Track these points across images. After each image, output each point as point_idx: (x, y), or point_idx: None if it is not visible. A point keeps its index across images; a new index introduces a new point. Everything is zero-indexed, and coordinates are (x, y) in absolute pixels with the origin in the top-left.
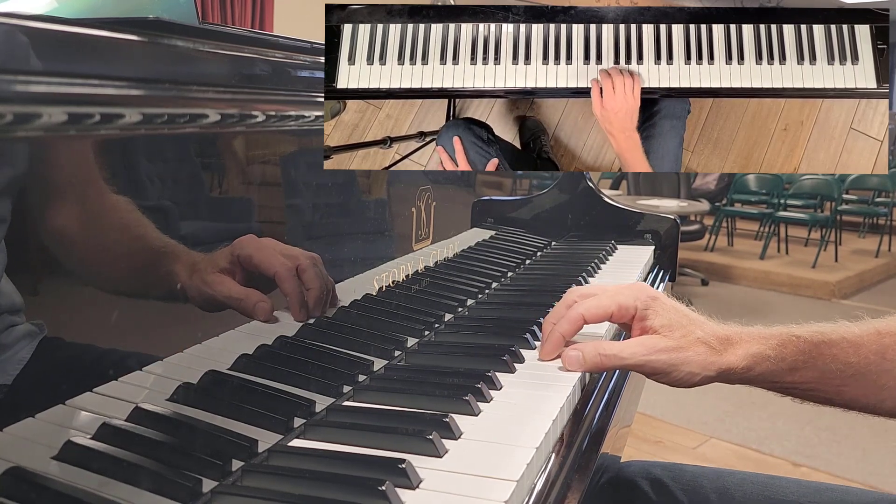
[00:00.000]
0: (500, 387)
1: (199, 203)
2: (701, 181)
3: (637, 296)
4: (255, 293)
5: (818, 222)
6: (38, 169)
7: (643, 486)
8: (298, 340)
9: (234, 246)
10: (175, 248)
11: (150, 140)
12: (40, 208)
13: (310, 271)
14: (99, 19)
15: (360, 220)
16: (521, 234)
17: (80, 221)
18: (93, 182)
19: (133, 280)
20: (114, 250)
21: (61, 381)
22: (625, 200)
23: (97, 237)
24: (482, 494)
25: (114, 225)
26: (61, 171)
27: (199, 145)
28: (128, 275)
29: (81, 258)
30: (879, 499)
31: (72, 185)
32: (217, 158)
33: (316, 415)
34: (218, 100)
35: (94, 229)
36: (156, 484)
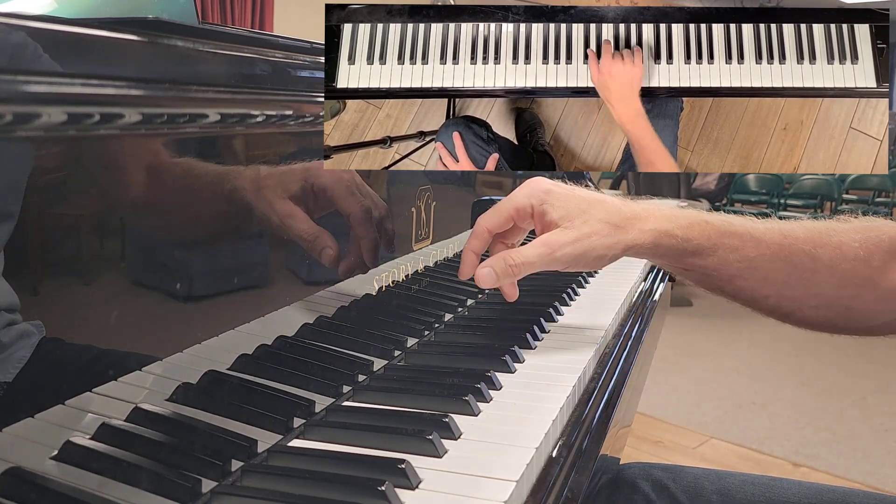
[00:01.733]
0: (499, 387)
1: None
2: (701, 181)
3: (531, 193)
4: (325, 235)
5: None
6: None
7: (644, 488)
8: (298, 340)
9: (307, 173)
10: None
11: (150, 140)
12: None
13: (375, 217)
14: (99, 19)
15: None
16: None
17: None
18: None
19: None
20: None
21: (61, 381)
22: None
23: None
24: (482, 495)
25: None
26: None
27: (199, 145)
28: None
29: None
30: (881, 501)
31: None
32: (217, 158)
33: (315, 415)
34: (218, 100)
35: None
36: (155, 484)
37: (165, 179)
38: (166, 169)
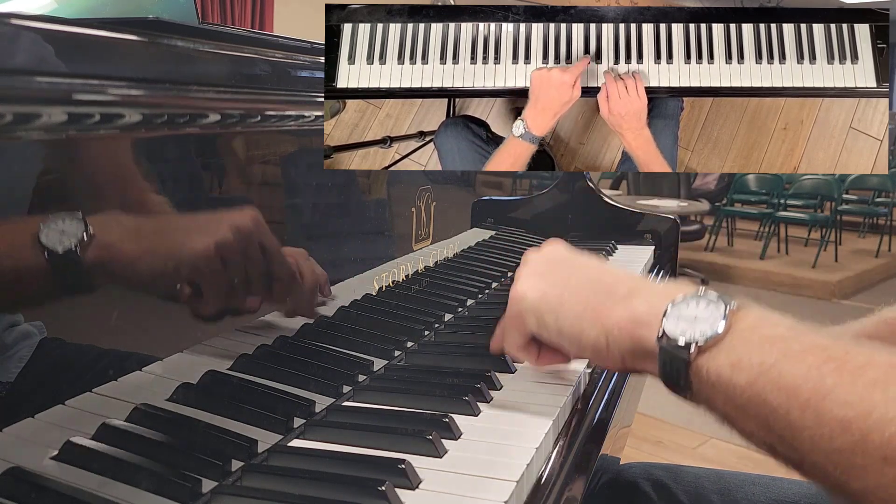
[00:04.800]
0: (500, 387)
1: (199, 203)
2: (701, 181)
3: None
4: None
5: (818, 222)
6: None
7: (644, 488)
8: (298, 340)
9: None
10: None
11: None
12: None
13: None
14: (99, 19)
15: (360, 220)
16: (521, 234)
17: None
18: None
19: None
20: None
21: (61, 381)
22: (625, 200)
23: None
24: (482, 495)
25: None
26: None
27: (199, 145)
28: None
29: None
30: None
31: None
32: (217, 158)
33: (316, 415)
34: (218, 100)
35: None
36: (155, 484)
37: (165, 179)
38: (166, 168)
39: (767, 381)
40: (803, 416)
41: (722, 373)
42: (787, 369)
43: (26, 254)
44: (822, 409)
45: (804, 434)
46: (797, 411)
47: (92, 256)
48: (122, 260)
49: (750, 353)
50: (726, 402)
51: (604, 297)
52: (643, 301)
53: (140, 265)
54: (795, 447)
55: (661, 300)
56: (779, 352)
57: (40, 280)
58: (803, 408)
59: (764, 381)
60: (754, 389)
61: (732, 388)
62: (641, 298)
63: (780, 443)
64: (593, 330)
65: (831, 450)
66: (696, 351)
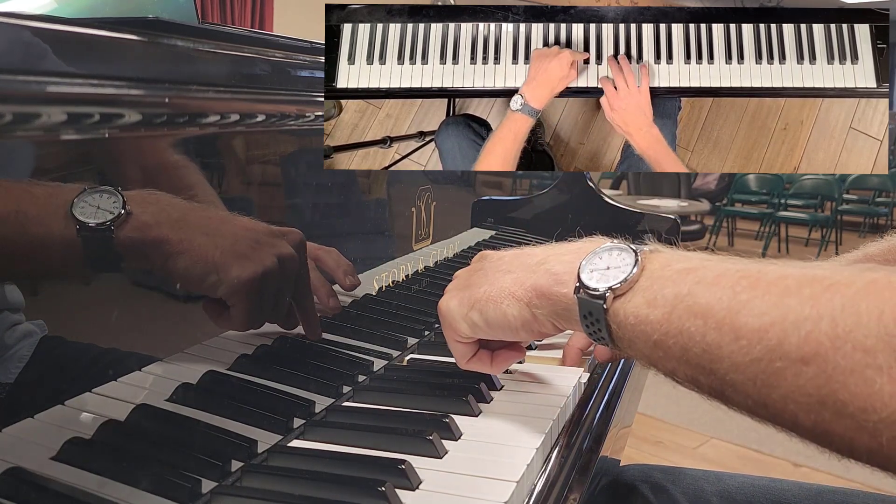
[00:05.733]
0: (500, 387)
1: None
2: (701, 181)
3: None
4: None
5: (819, 222)
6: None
7: (643, 490)
8: (298, 340)
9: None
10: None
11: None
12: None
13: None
14: (99, 19)
15: (360, 220)
16: (521, 234)
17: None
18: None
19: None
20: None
21: (61, 381)
22: (625, 200)
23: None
24: (482, 495)
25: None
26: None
27: (199, 145)
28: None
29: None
30: (881, 501)
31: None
32: (217, 158)
33: (316, 415)
34: (218, 100)
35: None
36: (155, 484)
37: (165, 179)
38: (166, 168)
39: (683, 310)
40: (720, 335)
41: (639, 313)
42: (701, 294)
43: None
44: (738, 323)
45: (722, 353)
46: (714, 332)
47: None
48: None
49: (664, 288)
50: (646, 341)
51: (519, 273)
52: (557, 262)
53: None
54: (715, 370)
55: (575, 257)
56: (692, 281)
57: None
58: (719, 326)
59: (680, 310)
60: (671, 321)
61: (650, 325)
62: (555, 260)
63: (701, 371)
64: (515, 308)
65: (749, 361)
66: (612, 296)
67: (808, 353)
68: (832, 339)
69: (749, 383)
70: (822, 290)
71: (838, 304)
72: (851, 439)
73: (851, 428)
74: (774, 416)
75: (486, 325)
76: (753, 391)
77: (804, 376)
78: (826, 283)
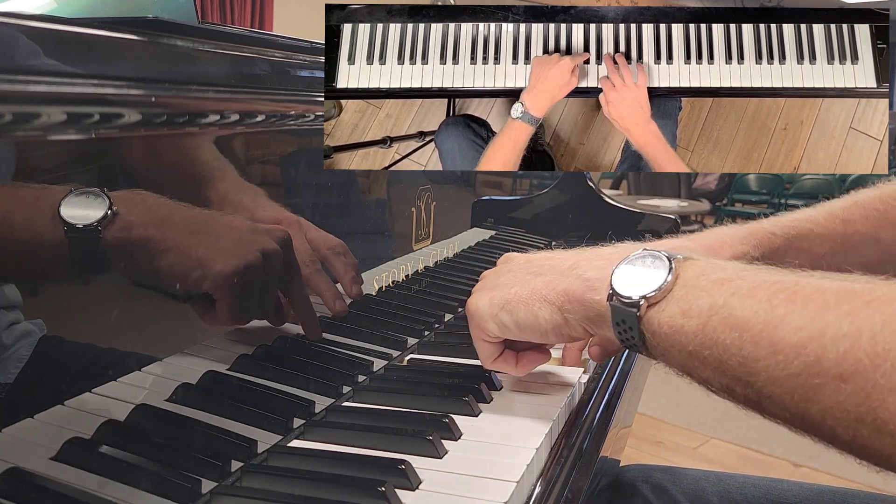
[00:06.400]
0: (499, 387)
1: (197, 203)
2: (701, 181)
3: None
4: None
5: None
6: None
7: (644, 491)
8: (298, 340)
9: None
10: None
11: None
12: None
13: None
14: (99, 19)
15: (360, 220)
16: (521, 234)
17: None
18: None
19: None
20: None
21: (61, 381)
22: (625, 200)
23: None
24: (482, 495)
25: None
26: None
27: (198, 145)
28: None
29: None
30: (881, 501)
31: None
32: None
33: (315, 415)
34: (218, 100)
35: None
36: (155, 484)
37: (165, 178)
38: (165, 168)
39: (718, 322)
40: (757, 348)
41: (673, 322)
42: (737, 306)
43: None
44: (775, 337)
45: (759, 366)
46: (750, 345)
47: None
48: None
49: (698, 298)
50: (681, 350)
51: (550, 277)
52: (590, 267)
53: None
54: (751, 383)
55: (607, 263)
56: (727, 292)
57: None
58: (756, 340)
59: (715, 321)
60: (706, 332)
61: (685, 336)
62: (587, 265)
63: (737, 383)
64: (547, 311)
65: (787, 376)
66: (646, 304)
67: (847, 371)
68: (871, 357)
69: (787, 397)
70: (861, 305)
71: (878, 321)
72: (890, 455)
73: (890, 445)
74: (813, 430)
75: (516, 327)
76: (791, 404)
77: (843, 393)
78: (865, 298)
